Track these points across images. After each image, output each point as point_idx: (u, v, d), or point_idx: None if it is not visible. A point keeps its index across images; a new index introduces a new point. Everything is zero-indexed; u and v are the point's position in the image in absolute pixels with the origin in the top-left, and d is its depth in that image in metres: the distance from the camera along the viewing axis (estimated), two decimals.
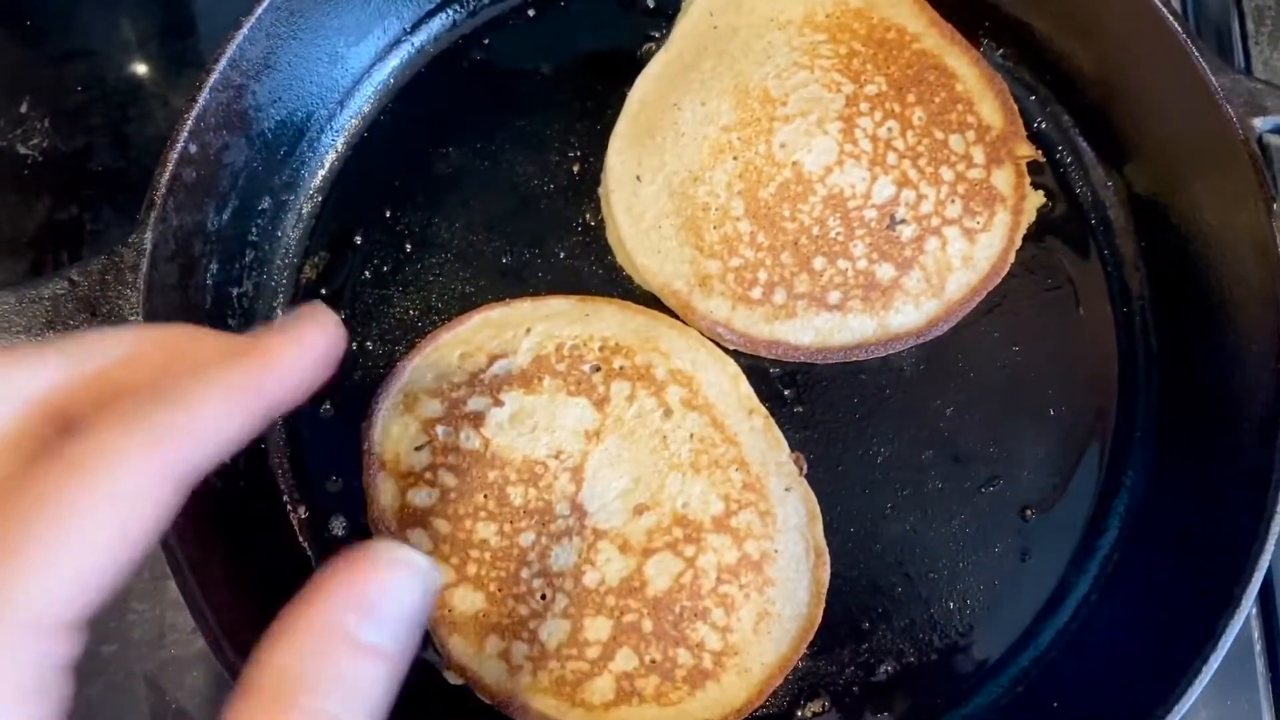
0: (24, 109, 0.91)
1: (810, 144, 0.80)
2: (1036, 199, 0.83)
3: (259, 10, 0.74)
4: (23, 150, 0.90)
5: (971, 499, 0.79)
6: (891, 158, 0.81)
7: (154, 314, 0.69)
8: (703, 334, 0.80)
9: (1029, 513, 0.79)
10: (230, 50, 0.73)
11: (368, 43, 0.86)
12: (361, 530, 0.78)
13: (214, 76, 0.72)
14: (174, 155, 0.71)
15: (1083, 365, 0.82)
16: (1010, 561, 0.78)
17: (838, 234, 0.79)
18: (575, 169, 0.86)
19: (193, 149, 0.72)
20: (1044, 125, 0.87)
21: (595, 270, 0.83)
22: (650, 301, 0.81)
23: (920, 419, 0.80)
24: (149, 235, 0.69)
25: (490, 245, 0.84)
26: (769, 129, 0.81)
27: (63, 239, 0.87)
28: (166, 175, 0.70)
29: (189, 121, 0.71)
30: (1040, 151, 0.83)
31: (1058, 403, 0.81)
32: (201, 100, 0.72)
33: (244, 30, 0.74)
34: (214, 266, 0.77)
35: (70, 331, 0.68)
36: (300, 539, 0.79)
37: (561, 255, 0.84)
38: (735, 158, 0.81)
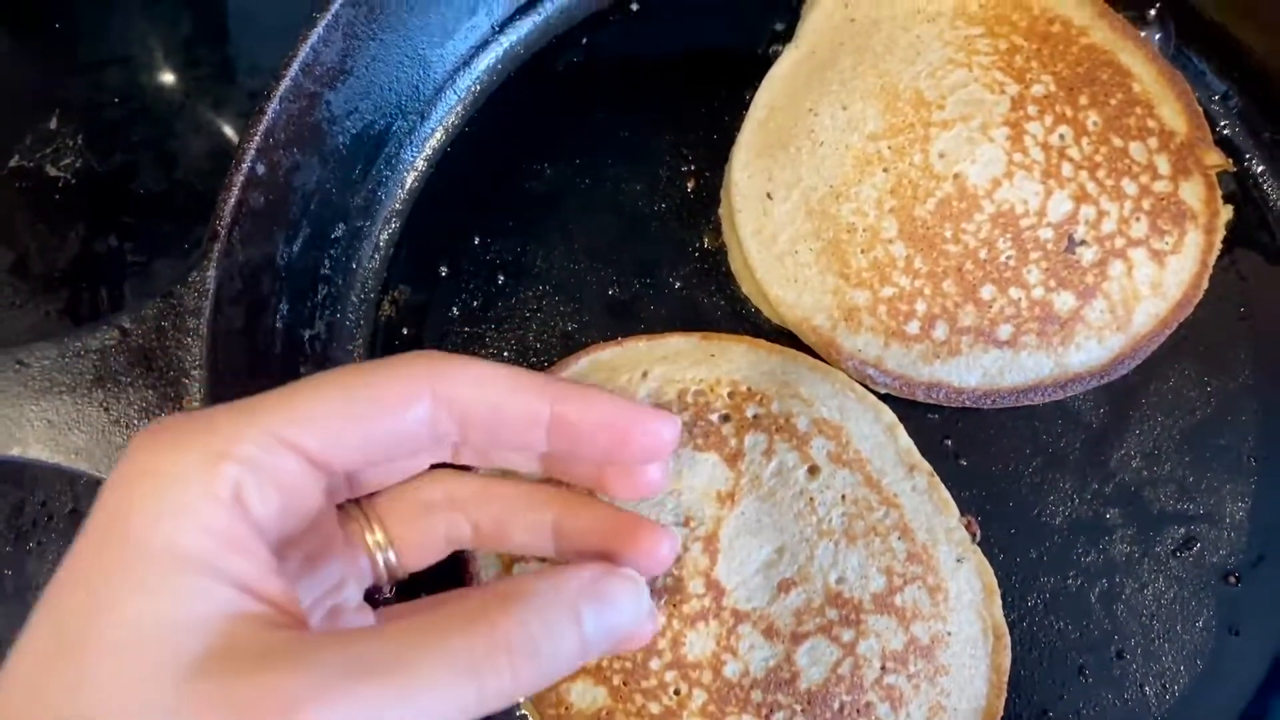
0: (54, 124, 0.81)
1: (974, 153, 0.70)
2: (1226, 214, 0.73)
3: (335, 6, 0.64)
4: (53, 172, 0.80)
5: (1166, 564, 0.69)
6: (1067, 169, 0.70)
7: (217, 366, 0.59)
8: (849, 376, 0.71)
9: (1234, 579, 0.69)
10: (303, 53, 0.63)
11: (452, 44, 0.77)
12: None
13: (284, 84, 0.63)
14: (240, 178, 0.61)
15: None
16: (1215, 636, 0.68)
17: (1009, 258, 0.69)
18: (690, 186, 0.78)
19: (260, 169, 0.62)
20: (1229, 129, 0.77)
21: (717, 302, 0.75)
22: (784, 338, 0.73)
23: (1103, 472, 0.71)
24: (212, 273, 0.60)
25: (594, 275, 0.76)
26: (925, 136, 0.70)
27: (101, 274, 0.77)
28: (232, 201, 0.61)
29: (256, 137, 0.62)
30: (1230, 160, 0.73)
31: (1260, 449, 0.71)
32: (271, 112, 0.62)
33: (318, 29, 0.64)
34: (284, 306, 0.67)
35: (122, 390, 0.57)
36: None
37: (677, 285, 0.76)
38: (886, 170, 0.70)
